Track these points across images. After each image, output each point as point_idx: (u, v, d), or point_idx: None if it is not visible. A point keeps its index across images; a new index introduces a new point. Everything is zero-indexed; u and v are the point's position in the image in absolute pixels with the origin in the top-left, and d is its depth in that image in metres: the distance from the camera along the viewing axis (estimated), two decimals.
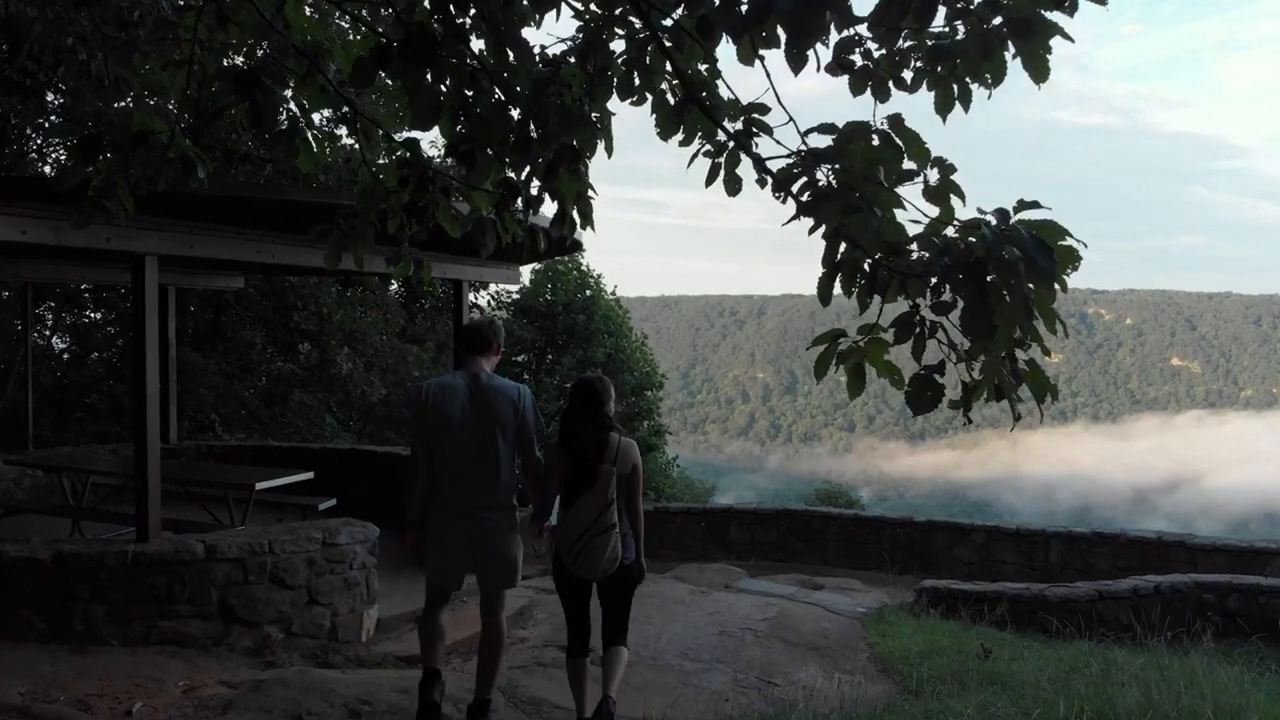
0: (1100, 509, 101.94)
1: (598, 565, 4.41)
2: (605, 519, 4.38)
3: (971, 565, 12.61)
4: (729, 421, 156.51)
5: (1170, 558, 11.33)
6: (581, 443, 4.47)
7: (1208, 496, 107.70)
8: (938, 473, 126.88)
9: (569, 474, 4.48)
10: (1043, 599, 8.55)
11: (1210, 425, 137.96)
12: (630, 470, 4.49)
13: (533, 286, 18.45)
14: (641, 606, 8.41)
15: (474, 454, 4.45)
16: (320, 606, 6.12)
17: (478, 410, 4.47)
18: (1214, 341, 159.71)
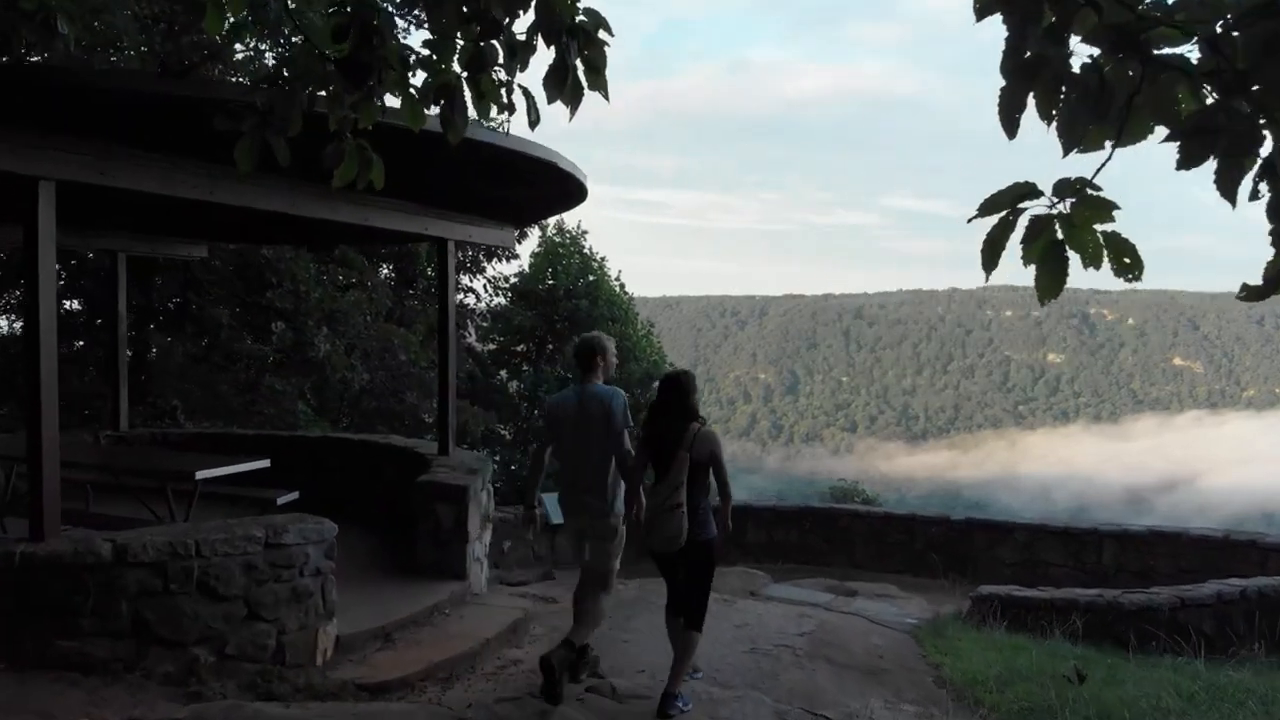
0: (1096, 509, 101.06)
1: (663, 539, 4.82)
2: (673, 499, 4.77)
3: (1014, 567, 11.44)
4: (731, 422, 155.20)
5: (1239, 558, 10.17)
6: (663, 431, 4.87)
7: (1204, 496, 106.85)
8: (935, 473, 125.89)
9: (655, 459, 4.89)
10: (1118, 607, 7.38)
11: (1209, 425, 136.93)
12: (708, 456, 4.84)
13: (532, 271, 17.27)
14: (658, 617, 7.24)
15: (579, 450, 5.16)
16: (262, 622, 4.93)
17: (582, 414, 5.14)
18: (1216, 341, 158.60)
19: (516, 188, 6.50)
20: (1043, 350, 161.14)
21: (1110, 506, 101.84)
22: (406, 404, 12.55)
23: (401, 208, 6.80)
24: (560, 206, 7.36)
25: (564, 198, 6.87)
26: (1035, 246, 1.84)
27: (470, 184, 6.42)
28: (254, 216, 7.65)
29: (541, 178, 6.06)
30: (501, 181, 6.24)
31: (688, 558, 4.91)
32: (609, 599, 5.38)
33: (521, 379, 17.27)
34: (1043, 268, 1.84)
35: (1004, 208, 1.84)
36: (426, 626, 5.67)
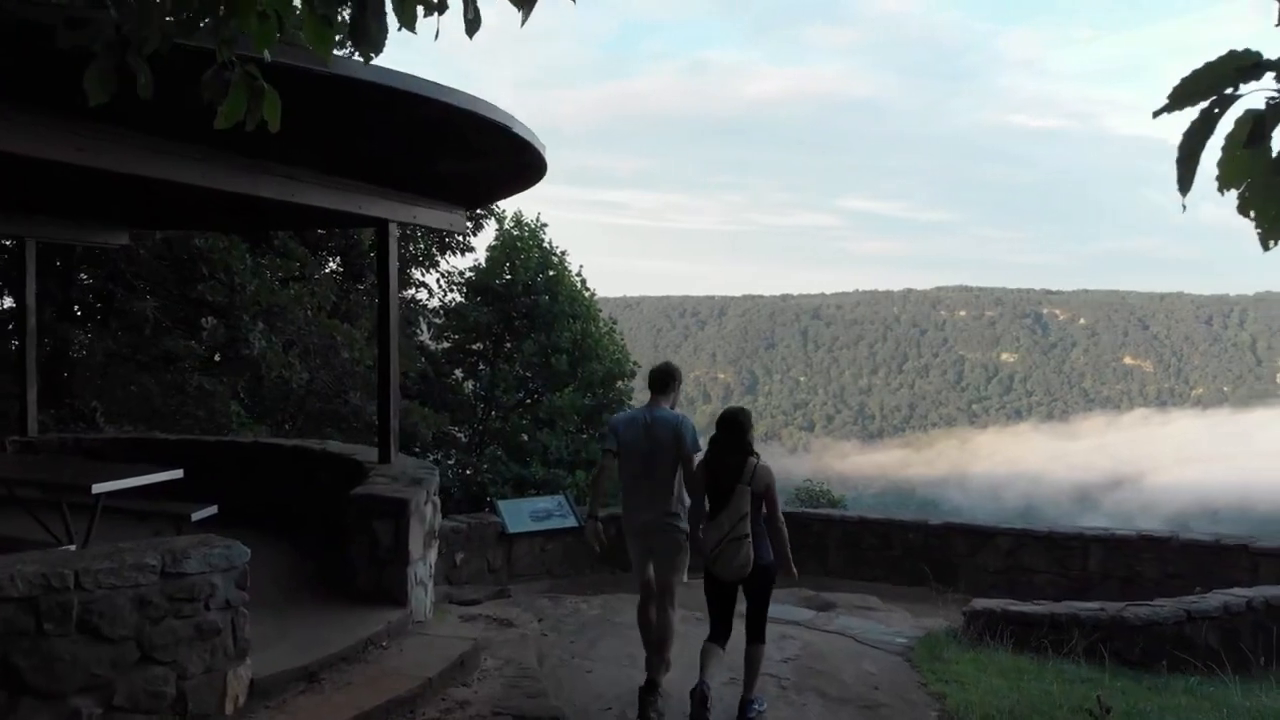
0: (1044, 507, 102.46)
1: (732, 567, 5.11)
2: (739, 529, 5.06)
3: (996, 575, 10.91)
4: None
5: (1229, 563, 9.72)
6: (723, 464, 5.19)
7: (1148, 494, 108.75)
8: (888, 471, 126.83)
9: (712, 490, 5.20)
10: (1122, 622, 6.83)
11: (1156, 424, 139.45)
12: (764, 489, 5.18)
13: (489, 265, 16.46)
14: (624, 642, 6.54)
15: (646, 470, 5.35)
16: (158, 666, 4.13)
17: (648, 436, 5.34)
18: (1166, 341, 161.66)
19: (465, 159, 5.76)
20: (996, 350, 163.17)
21: (1058, 504, 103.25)
22: (351, 405, 11.71)
23: (335, 184, 6.03)
24: (517, 183, 6.60)
25: (521, 173, 6.13)
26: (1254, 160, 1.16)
27: (412, 154, 5.67)
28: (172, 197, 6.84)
29: (494, 147, 5.32)
30: (447, 149, 5.50)
31: (750, 583, 5.24)
32: (676, 612, 5.57)
33: (478, 378, 16.47)
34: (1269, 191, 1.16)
35: (1205, 93, 1.15)
36: (359, 664, 4.91)
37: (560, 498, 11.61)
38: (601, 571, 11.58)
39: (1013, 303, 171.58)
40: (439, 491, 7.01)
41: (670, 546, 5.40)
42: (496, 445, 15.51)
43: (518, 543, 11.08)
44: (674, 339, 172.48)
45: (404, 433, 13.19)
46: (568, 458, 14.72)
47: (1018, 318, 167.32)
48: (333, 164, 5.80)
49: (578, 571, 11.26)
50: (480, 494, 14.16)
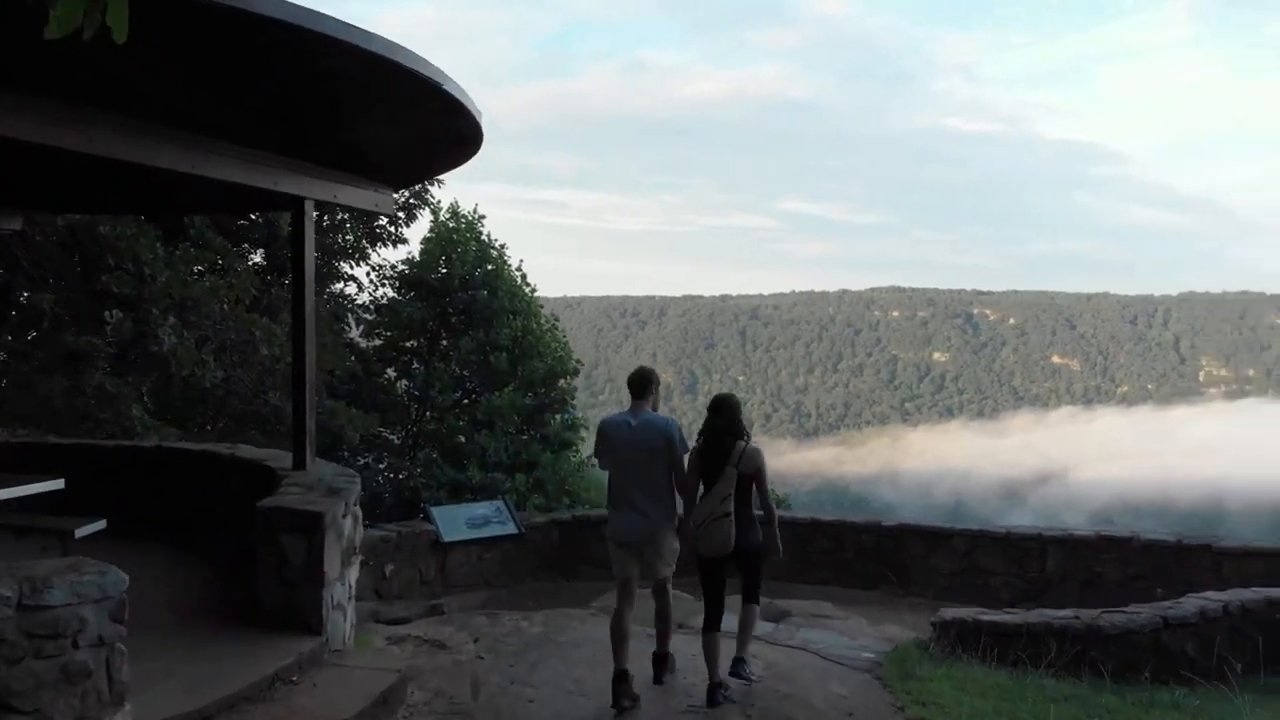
0: (972, 503, 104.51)
1: (713, 544, 5.32)
2: (723, 508, 5.28)
3: (952, 577, 10.57)
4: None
5: (1192, 564, 9.49)
6: (713, 447, 5.45)
7: (1073, 490, 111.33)
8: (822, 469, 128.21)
9: (703, 472, 5.44)
10: (1098, 631, 6.45)
11: (1081, 421, 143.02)
12: (754, 471, 5.43)
13: (424, 258, 15.66)
14: (567, 664, 5.94)
15: (634, 472, 5.50)
16: (18, 716, 3.43)
17: (636, 439, 5.48)
18: (1092, 340, 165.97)
19: (389, 124, 5.11)
20: (928, 349, 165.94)
21: (986, 501, 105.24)
22: (271, 405, 10.90)
23: (243, 155, 5.32)
24: (449, 156, 5.93)
25: (453, 144, 5.48)
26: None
27: (327, 117, 5.01)
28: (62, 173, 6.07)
29: (422, 109, 4.69)
30: (368, 112, 4.85)
31: (738, 562, 5.50)
32: (670, 600, 5.74)
33: (411, 378, 15.66)
34: None
35: None
36: (263, 703, 4.24)
37: (499, 503, 10.96)
38: (543, 579, 10.96)
39: (944, 303, 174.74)
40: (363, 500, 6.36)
41: (660, 546, 5.52)
42: (431, 448, 14.77)
43: (453, 552, 10.41)
44: (615, 339, 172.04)
45: (330, 435, 12.41)
46: (507, 460, 14.02)
47: (949, 318, 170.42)
48: (239, 130, 5.11)
49: (517, 581, 10.62)
50: (413, 500, 13.41)
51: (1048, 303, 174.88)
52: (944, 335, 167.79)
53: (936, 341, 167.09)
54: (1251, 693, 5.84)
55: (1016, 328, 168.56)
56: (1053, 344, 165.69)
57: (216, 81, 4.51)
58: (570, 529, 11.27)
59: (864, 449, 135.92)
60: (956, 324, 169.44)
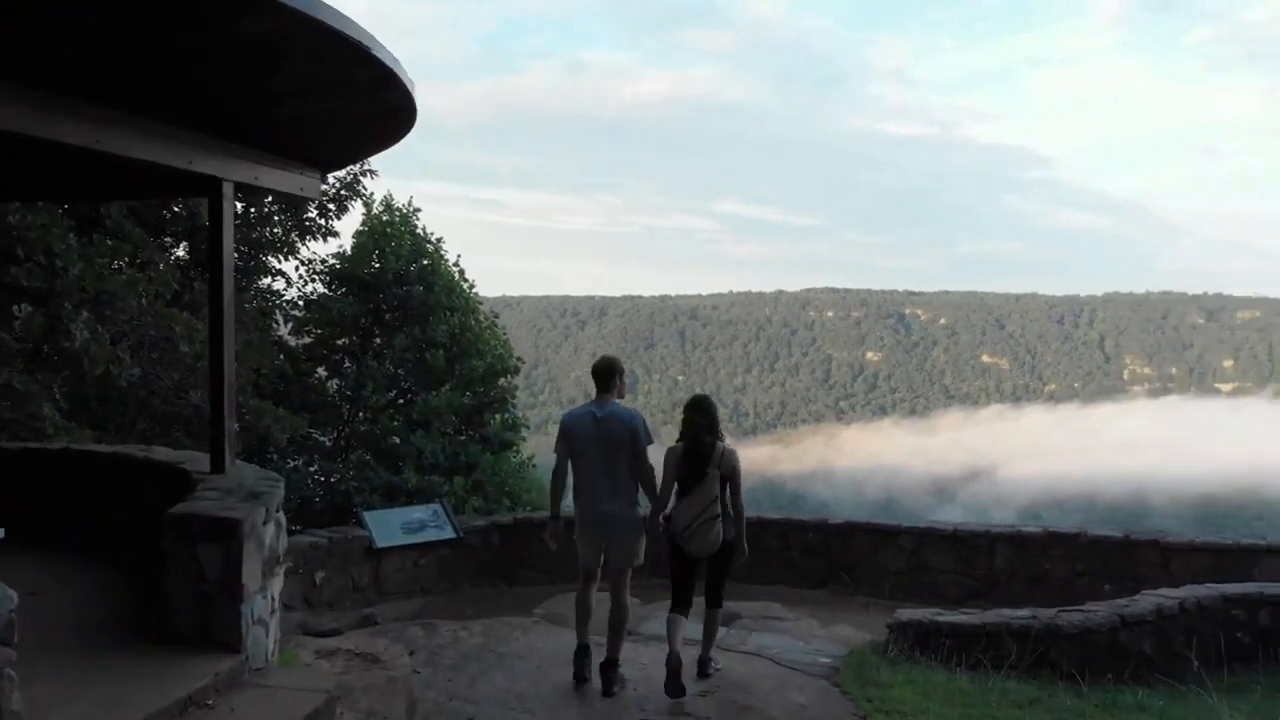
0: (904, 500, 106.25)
1: (705, 545, 5.55)
2: (711, 510, 5.49)
3: (900, 575, 10.46)
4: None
5: (1139, 559, 9.49)
6: (694, 449, 5.59)
7: (1001, 486, 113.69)
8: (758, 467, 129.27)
9: (685, 473, 5.58)
10: (1056, 631, 6.30)
11: (1009, 419, 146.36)
12: (730, 472, 5.61)
13: (357, 252, 15.06)
14: (509, 677, 5.58)
15: (600, 465, 5.60)
16: None
17: (603, 432, 5.56)
18: (1021, 339, 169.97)
19: (313, 96, 4.69)
20: (862, 349, 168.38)
21: (916, 497, 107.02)
22: (192, 405, 10.30)
23: (154, 130, 4.85)
24: (380, 134, 5.52)
25: (384, 119, 5.06)
26: None
27: (244, 89, 4.58)
28: None
29: (348, 77, 4.28)
30: (289, 81, 4.43)
31: (714, 556, 5.63)
32: (628, 599, 5.75)
33: (343, 377, 15.04)
34: None
35: None
36: None
37: (436, 506, 10.51)
38: (483, 585, 10.55)
39: (877, 304, 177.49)
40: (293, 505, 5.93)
41: (630, 536, 5.62)
42: (364, 450, 14.18)
43: (387, 558, 9.94)
44: (554, 339, 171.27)
45: (256, 436, 11.83)
46: (445, 462, 13.51)
47: (882, 318, 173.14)
48: (148, 103, 4.64)
49: (455, 587, 10.20)
50: (345, 504, 12.85)
51: (977, 303, 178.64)
52: (877, 335, 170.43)
53: (870, 341, 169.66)
54: (1216, 692, 5.73)
55: (947, 327, 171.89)
56: (982, 343, 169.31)
57: (121, 46, 4.06)
58: (511, 532, 10.87)
59: (799, 447, 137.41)
60: (889, 324, 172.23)
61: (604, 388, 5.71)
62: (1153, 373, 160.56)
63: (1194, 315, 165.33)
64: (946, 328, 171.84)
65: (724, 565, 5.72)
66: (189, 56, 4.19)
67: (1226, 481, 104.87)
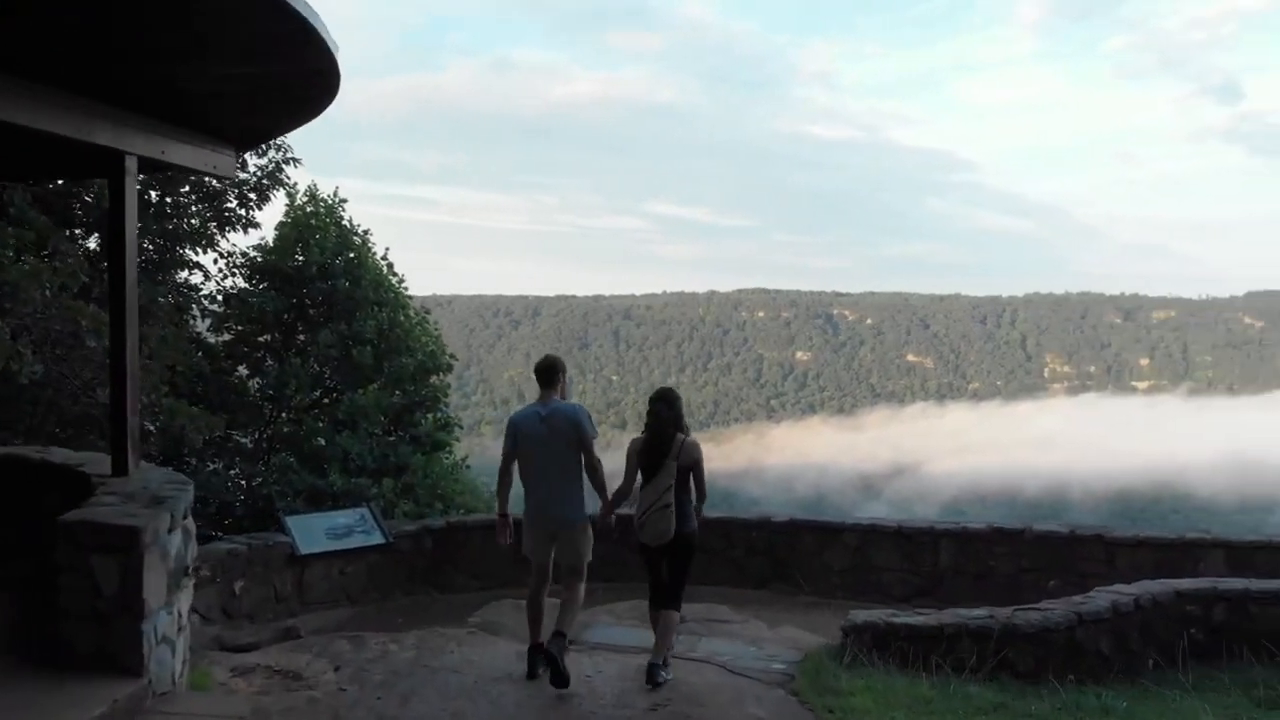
0: (832, 496, 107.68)
1: (657, 534, 5.61)
2: (664, 499, 5.58)
3: (845, 574, 10.28)
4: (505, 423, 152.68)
5: (1084, 555, 9.44)
6: (654, 440, 5.69)
7: (925, 482, 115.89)
8: None
9: (644, 463, 5.68)
10: (1014, 630, 6.11)
11: (934, 416, 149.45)
12: (692, 464, 5.72)
13: (279, 245, 14.36)
14: (443, 694, 5.16)
15: (547, 462, 5.69)
16: None
17: (549, 429, 5.67)
18: (945, 339, 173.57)
19: (226, 60, 4.23)
20: (791, 348, 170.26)
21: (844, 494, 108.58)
22: (101, 404, 9.61)
23: (46, 95, 4.34)
24: (300, 103, 5.04)
25: (306, 84, 4.59)
26: None
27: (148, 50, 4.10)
28: None
29: (264, 35, 3.84)
30: (197, 37, 3.96)
31: (673, 548, 5.66)
32: (583, 586, 5.84)
33: (265, 375, 14.34)
34: None
35: None
36: None
37: (363, 511, 9.99)
38: (415, 593, 10.06)
39: (806, 304, 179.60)
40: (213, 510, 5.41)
41: (580, 533, 5.72)
42: (287, 452, 13.52)
43: (311, 566, 9.39)
44: (487, 339, 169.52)
45: (169, 437, 11.15)
46: (373, 464, 12.93)
47: (811, 318, 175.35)
48: (37, 62, 4.13)
49: (385, 595, 9.69)
50: (267, 509, 12.21)
51: (903, 303, 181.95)
52: (806, 335, 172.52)
53: (799, 341, 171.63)
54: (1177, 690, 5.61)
55: (874, 327, 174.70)
56: (908, 343, 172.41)
57: None
58: (444, 536, 10.40)
59: (730, 445, 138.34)
60: (818, 324, 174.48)
61: (547, 385, 5.84)
62: (1072, 371, 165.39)
63: (1111, 315, 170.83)
64: (873, 328, 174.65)
65: (684, 561, 5.77)
66: (83, 10, 3.71)
67: (1142, 477, 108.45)
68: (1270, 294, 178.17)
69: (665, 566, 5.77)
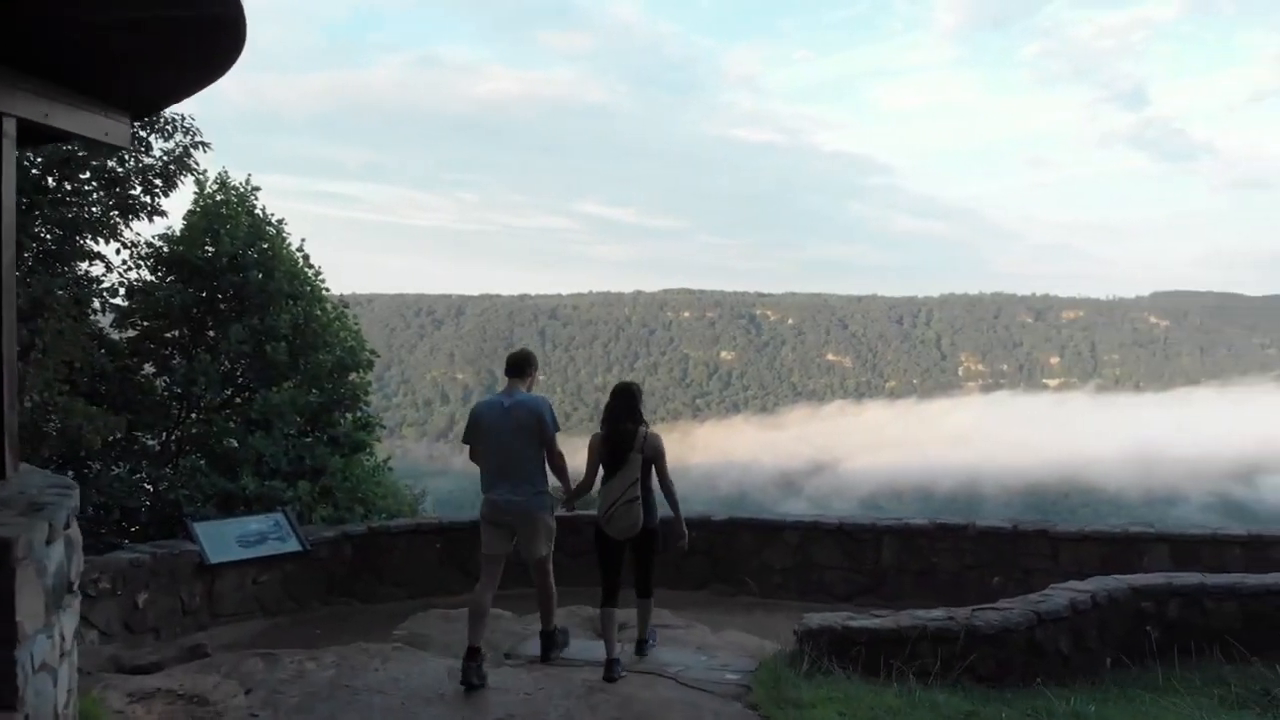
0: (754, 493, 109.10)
1: (625, 527, 5.67)
2: (630, 492, 5.63)
3: (785, 573, 10.05)
4: (429, 424, 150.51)
5: (1028, 551, 9.35)
6: (617, 434, 5.73)
7: (843, 479, 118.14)
8: None
9: (606, 458, 5.72)
10: (975, 632, 5.87)
11: (851, 414, 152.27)
12: (654, 455, 5.81)
13: (187, 234, 13.46)
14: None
15: (508, 453, 5.70)
16: None
17: (510, 420, 5.70)
18: (863, 339, 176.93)
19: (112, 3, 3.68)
20: (716, 348, 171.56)
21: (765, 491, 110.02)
22: None
23: None
24: (203, 58, 4.46)
25: (207, 37, 4.04)
26: None
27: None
28: None
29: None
30: None
31: (639, 540, 5.72)
32: (550, 578, 5.87)
33: (172, 373, 13.45)
34: None
35: None
36: None
37: (278, 516, 9.36)
38: (335, 603, 9.47)
39: (730, 305, 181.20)
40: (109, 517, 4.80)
41: (541, 524, 5.75)
42: (196, 453, 12.69)
43: (222, 575, 8.75)
44: (409, 339, 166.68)
45: (64, 439, 10.32)
46: (288, 467, 12.18)
47: (735, 319, 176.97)
48: None
49: (302, 606, 9.09)
50: (175, 515, 11.40)
51: (822, 304, 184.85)
52: (730, 335, 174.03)
53: (724, 341, 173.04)
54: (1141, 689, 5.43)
55: (795, 327, 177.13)
56: (828, 342, 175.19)
57: None
58: (365, 543, 9.83)
59: None
60: (741, 324, 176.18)
61: (516, 375, 5.90)
62: (985, 369, 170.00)
63: (1023, 315, 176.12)
64: (794, 328, 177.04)
65: (649, 554, 5.85)
66: None
67: (1052, 471, 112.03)
68: (1174, 294, 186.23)
69: (631, 559, 5.84)
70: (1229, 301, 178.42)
